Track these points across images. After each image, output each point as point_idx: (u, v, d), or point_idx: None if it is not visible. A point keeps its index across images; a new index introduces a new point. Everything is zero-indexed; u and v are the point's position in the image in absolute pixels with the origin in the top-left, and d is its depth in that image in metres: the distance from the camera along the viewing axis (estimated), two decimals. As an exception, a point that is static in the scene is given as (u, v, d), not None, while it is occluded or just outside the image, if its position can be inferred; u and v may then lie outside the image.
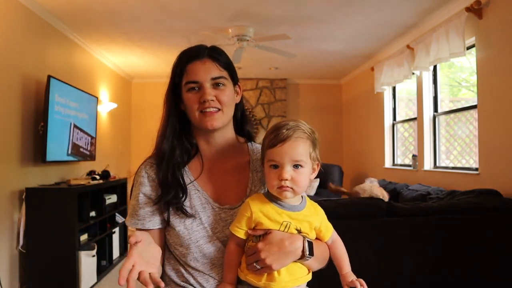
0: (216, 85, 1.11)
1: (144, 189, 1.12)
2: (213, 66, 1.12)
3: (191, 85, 1.11)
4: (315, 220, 1.04)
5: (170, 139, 1.14)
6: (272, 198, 1.02)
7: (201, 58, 1.13)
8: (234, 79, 1.18)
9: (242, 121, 1.25)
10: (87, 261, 3.56)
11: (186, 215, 1.09)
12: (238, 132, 1.24)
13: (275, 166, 1.00)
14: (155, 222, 1.11)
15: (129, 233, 4.90)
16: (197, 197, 1.12)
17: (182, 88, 1.13)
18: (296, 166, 0.99)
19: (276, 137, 0.99)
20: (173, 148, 1.14)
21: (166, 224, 1.11)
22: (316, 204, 1.09)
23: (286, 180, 0.97)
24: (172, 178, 1.10)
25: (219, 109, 1.11)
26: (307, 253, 0.99)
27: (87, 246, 3.63)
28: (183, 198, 1.10)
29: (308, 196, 1.11)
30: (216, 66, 1.12)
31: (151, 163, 1.16)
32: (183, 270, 1.10)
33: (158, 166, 1.13)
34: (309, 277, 1.05)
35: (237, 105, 1.20)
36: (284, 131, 0.99)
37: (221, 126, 1.12)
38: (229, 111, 1.14)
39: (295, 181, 0.98)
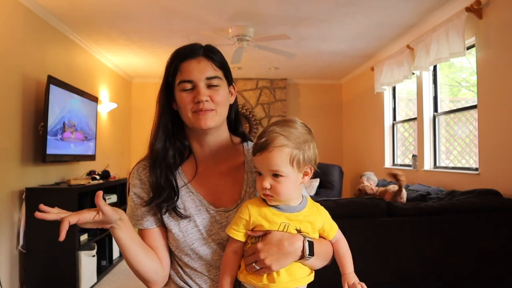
0: (210, 85, 1.09)
1: (137, 190, 1.13)
2: (208, 65, 1.09)
3: (185, 84, 1.08)
4: (317, 220, 1.03)
5: (162, 139, 1.12)
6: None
7: (195, 57, 1.09)
8: (229, 79, 1.15)
9: (236, 122, 1.22)
10: (87, 261, 3.56)
11: (180, 216, 1.08)
12: (232, 133, 1.22)
13: (259, 173, 1.00)
14: (152, 221, 1.11)
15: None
16: (191, 199, 1.11)
17: (175, 87, 1.10)
18: (275, 175, 0.98)
19: (256, 146, 0.99)
20: (166, 149, 1.12)
21: (162, 225, 1.11)
22: (318, 205, 1.07)
23: (266, 188, 0.98)
24: (164, 180, 1.09)
25: (213, 109, 1.08)
26: (307, 253, 0.98)
27: (87, 246, 3.63)
28: (175, 200, 1.09)
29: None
30: (211, 66, 1.09)
31: (144, 165, 1.15)
32: (181, 271, 1.11)
33: (151, 167, 1.11)
34: (311, 278, 1.04)
35: (231, 106, 1.17)
36: (263, 140, 0.98)
37: (214, 126, 1.09)
38: (223, 111, 1.12)
39: (274, 190, 0.98)
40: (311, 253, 0.99)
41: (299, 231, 1.00)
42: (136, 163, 1.17)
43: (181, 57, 1.10)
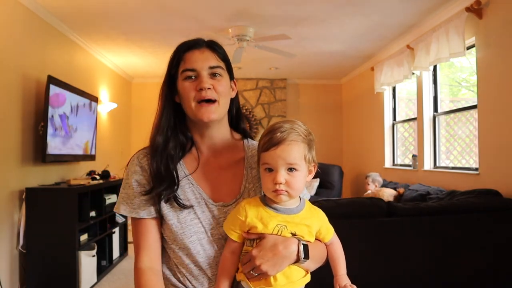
0: (213, 74, 1.09)
1: (138, 177, 1.11)
2: (211, 55, 1.11)
3: (188, 73, 1.09)
4: (314, 223, 1.02)
5: (164, 131, 1.12)
6: (267, 202, 1.00)
7: (199, 48, 1.12)
8: (230, 74, 1.17)
9: (238, 117, 1.23)
10: (87, 261, 3.56)
11: (182, 206, 1.07)
12: (233, 129, 1.22)
13: (270, 170, 0.98)
14: (149, 211, 1.09)
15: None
16: (191, 191, 1.10)
17: (178, 77, 1.11)
18: (290, 169, 0.97)
19: (270, 140, 0.98)
20: (167, 141, 1.12)
21: (160, 217, 1.10)
22: (316, 207, 1.07)
23: (281, 184, 0.96)
24: (165, 168, 1.08)
25: (215, 100, 1.08)
26: (302, 256, 0.97)
27: (87, 246, 3.63)
28: (175, 189, 1.08)
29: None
30: (214, 56, 1.12)
31: (145, 153, 1.14)
32: (177, 271, 1.09)
33: (151, 156, 1.11)
34: (307, 279, 1.03)
35: (232, 101, 1.18)
36: (278, 134, 0.97)
37: (217, 118, 1.10)
38: (225, 103, 1.12)
39: (289, 184, 0.97)
40: (306, 256, 0.98)
41: (294, 235, 0.99)
42: (136, 152, 1.17)
43: (184, 48, 1.13)
